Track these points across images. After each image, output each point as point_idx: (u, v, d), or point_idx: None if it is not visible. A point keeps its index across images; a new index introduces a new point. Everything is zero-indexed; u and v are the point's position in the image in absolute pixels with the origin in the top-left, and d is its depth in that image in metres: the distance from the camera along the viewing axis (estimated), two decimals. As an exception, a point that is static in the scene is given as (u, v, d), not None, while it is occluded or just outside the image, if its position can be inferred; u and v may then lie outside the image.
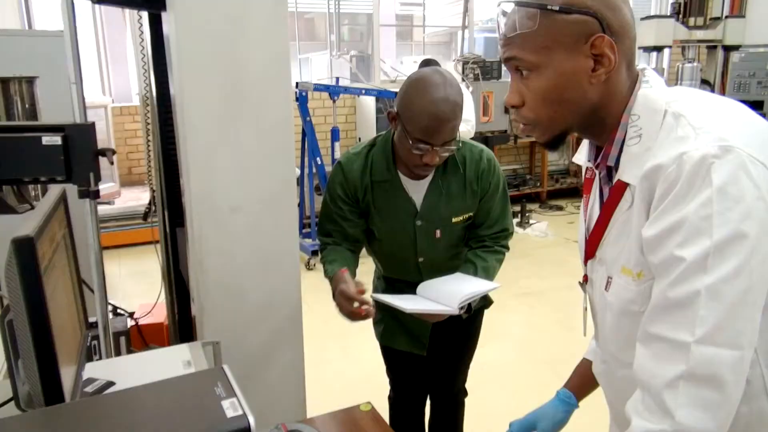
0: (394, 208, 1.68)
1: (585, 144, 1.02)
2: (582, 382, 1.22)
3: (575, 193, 7.09)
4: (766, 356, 0.86)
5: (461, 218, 1.69)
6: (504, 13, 0.89)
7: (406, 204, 1.67)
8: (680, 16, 6.03)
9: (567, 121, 0.90)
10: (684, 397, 0.77)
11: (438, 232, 1.69)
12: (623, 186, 0.89)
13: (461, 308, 1.51)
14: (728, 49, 6.40)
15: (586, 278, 1.06)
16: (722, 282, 0.75)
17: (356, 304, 1.48)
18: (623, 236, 0.90)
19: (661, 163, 0.80)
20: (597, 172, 0.97)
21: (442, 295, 1.54)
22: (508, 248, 1.79)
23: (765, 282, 0.78)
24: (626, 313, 0.92)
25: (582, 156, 1.03)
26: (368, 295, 1.54)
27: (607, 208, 0.93)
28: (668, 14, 6.14)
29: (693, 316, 0.76)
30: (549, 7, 0.83)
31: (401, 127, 1.54)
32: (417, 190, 1.67)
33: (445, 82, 1.49)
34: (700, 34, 6.06)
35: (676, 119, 0.83)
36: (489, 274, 1.68)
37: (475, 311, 1.85)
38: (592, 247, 0.99)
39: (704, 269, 0.75)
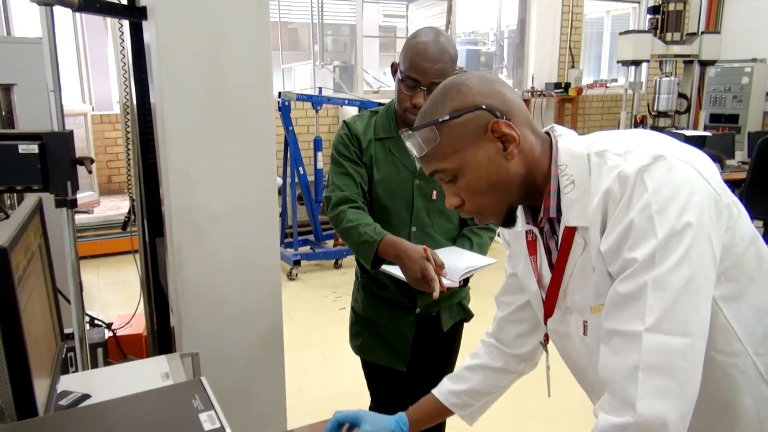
0: (394, 165, 1.70)
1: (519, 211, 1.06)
2: (420, 416, 1.27)
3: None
4: (752, 345, 0.90)
5: None
6: (409, 139, 0.98)
7: (406, 160, 1.69)
8: (658, 31, 6.15)
9: (507, 200, 0.97)
10: (642, 387, 0.80)
11: (435, 193, 1.70)
12: (572, 231, 0.94)
13: (460, 282, 1.58)
14: (704, 63, 6.55)
15: (547, 338, 1.10)
16: (667, 272, 0.81)
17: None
18: (585, 277, 0.95)
19: (606, 188, 0.87)
20: (537, 231, 1.02)
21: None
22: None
23: (706, 271, 0.83)
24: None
25: (520, 222, 1.05)
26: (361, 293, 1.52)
27: (561, 258, 0.98)
28: (646, 29, 6.26)
29: (642, 306, 0.81)
30: (440, 120, 0.93)
31: (398, 73, 1.62)
32: None
33: (439, 33, 1.60)
34: (677, 49, 6.18)
35: (600, 156, 0.90)
36: (483, 251, 1.73)
37: (455, 324, 1.86)
38: (550, 306, 1.03)
39: (652, 264, 0.81)
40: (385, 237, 1.56)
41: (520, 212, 1.04)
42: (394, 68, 1.67)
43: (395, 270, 1.59)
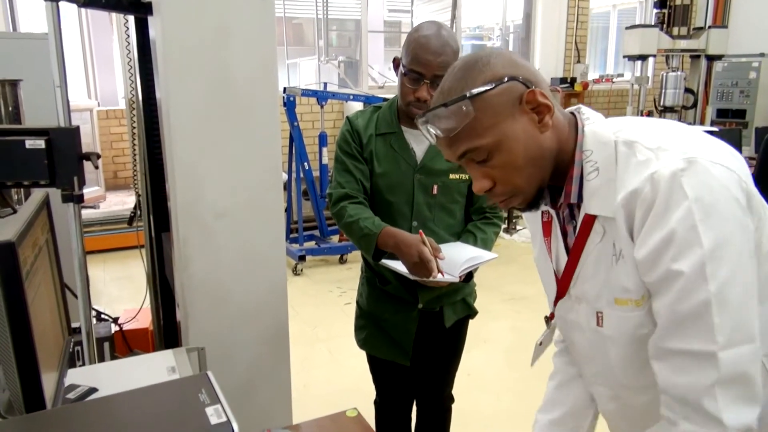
0: (395, 160, 1.71)
1: None
2: None
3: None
4: (765, 346, 0.90)
5: (458, 177, 1.72)
6: (428, 122, 0.92)
7: (407, 155, 1.71)
8: (664, 25, 6.11)
9: (540, 176, 0.94)
10: (723, 401, 0.81)
11: (435, 188, 1.71)
12: (591, 219, 0.92)
13: (461, 276, 1.58)
14: (711, 58, 6.50)
15: (552, 316, 1.10)
16: (726, 286, 0.79)
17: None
18: (601, 270, 0.93)
19: (635, 188, 0.84)
20: (555, 213, 1.01)
21: (444, 263, 1.57)
22: (502, 219, 1.87)
23: (753, 272, 0.83)
24: (635, 340, 0.94)
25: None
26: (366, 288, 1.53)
27: (578, 244, 0.96)
28: (653, 24, 6.22)
29: (708, 325, 0.80)
30: (474, 92, 0.88)
31: (400, 67, 1.63)
32: (419, 141, 1.71)
33: (440, 26, 1.61)
34: (683, 44, 6.14)
35: (629, 147, 0.87)
36: (487, 246, 1.73)
37: (460, 320, 1.86)
38: (563, 286, 1.02)
39: (704, 278, 0.79)
40: (384, 229, 1.61)
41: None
42: (396, 63, 1.67)
43: (396, 264, 1.60)
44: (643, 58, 6.10)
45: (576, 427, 1.19)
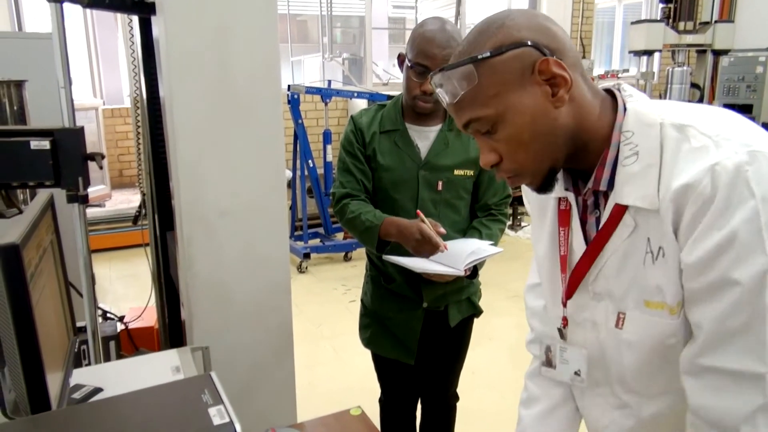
0: (399, 156, 1.72)
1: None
2: None
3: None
4: None
5: (462, 172, 1.73)
6: (441, 85, 0.84)
7: (411, 152, 1.72)
8: (670, 20, 6.07)
9: (552, 156, 0.84)
10: (765, 429, 0.73)
11: (440, 184, 1.71)
12: (622, 210, 0.83)
13: (466, 270, 1.59)
14: (717, 53, 6.46)
15: (565, 321, 0.97)
16: None
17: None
18: (629, 267, 0.84)
19: (690, 181, 0.73)
20: (575, 201, 0.91)
21: (448, 257, 1.60)
22: (507, 216, 1.88)
23: None
24: (659, 347, 0.85)
25: (555, 188, 0.92)
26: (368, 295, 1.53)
27: (601, 237, 0.86)
28: (658, 18, 6.18)
29: (761, 344, 0.71)
30: (480, 56, 0.80)
31: (405, 61, 1.64)
32: (423, 138, 1.73)
33: (445, 21, 1.61)
34: (689, 39, 6.10)
35: (680, 131, 0.77)
36: (492, 240, 1.74)
37: (465, 319, 1.86)
38: (575, 282, 0.92)
39: (764, 291, 0.70)
40: (386, 219, 1.65)
41: (559, 176, 0.91)
42: (401, 59, 1.68)
43: (401, 259, 1.62)
44: (648, 53, 6.07)
45: None
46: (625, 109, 0.84)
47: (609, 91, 0.88)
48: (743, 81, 6.73)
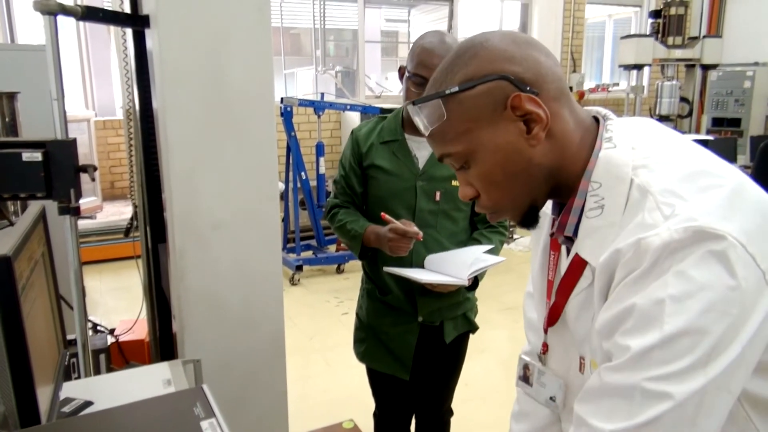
0: (397, 166, 1.74)
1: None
2: None
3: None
4: (748, 401, 0.74)
5: None
6: (415, 115, 0.79)
7: (409, 162, 1.73)
8: (659, 35, 6.17)
9: (528, 195, 0.79)
10: None
11: (438, 195, 1.72)
12: (583, 262, 0.78)
13: (469, 280, 1.62)
14: (706, 67, 6.56)
15: (546, 347, 0.93)
16: (666, 382, 0.63)
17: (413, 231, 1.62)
18: (584, 316, 0.80)
19: (619, 248, 0.70)
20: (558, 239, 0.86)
21: (450, 267, 1.62)
22: (507, 228, 1.90)
23: (729, 393, 0.66)
24: None
25: (547, 206, 0.89)
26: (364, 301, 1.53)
27: (567, 283, 0.83)
28: (648, 33, 6.27)
29: (627, 409, 0.65)
30: (447, 92, 0.75)
31: (405, 73, 1.67)
32: (422, 148, 1.74)
33: (444, 35, 1.65)
34: (678, 53, 6.19)
35: (643, 196, 0.71)
36: (493, 253, 1.75)
37: (460, 335, 1.85)
38: (555, 313, 0.87)
39: (647, 363, 0.64)
40: (367, 228, 1.72)
41: (547, 204, 0.87)
42: (402, 71, 1.71)
43: (403, 270, 1.65)
44: (638, 67, 6.16)
45: None
46: (597, 155, 0.77)
47: (596, 118, 0.82)
48: (731, 95, 6.82)
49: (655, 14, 6.25)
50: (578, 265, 0.79)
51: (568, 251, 0.84)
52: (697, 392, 0.63)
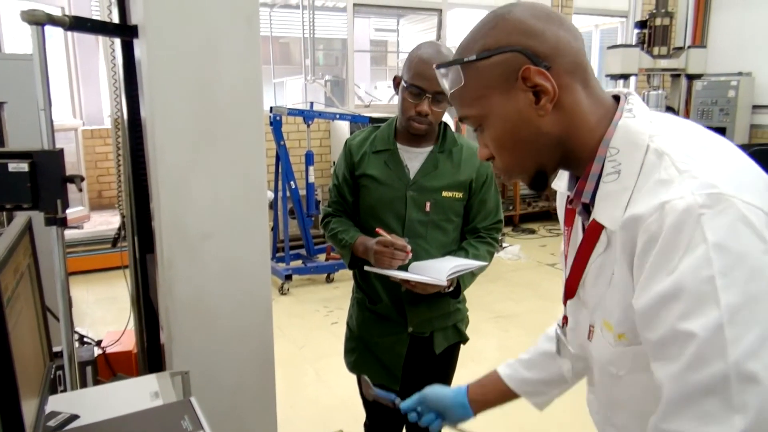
0: (388, 176, 1.74)
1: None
2: (486, 399, 1.19)
3: (547, 216, 7.20)
4: None
5: (451, 194, 1.75)
6: (441, 78, 0.87)
7: (400, 172, 1.74)
8: (645, 45, 6.24)
9: (536, 161, 0.84)
10: None
11: (428, 205, 1.73)
12: (599, 227, 0.81)
13: (449, 282, 1.62)
14: (691, 77, 6.64)
15: (565, 320, 0.97)
16: (750, 358, 0.63)
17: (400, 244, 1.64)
18: (600, 281, 0.83)
19: (639, 214, 0.71)
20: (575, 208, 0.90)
21: (431, 269, 1.64)
22: (498, 241, 1.89)
23: None
24: (606, 374, 0.86)
25: (562, 183, 0.94)
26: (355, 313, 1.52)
27: (584, 249, 0.86)
28: (634, 44, 6.34)
29: (723, 406, 0.63)
30: (466, 59, 0.81)
31: (401, 83, 1.68)
32: (413, 159, 1.75)
33: (440, 46, 1.68)
34: (664, 63, 6.27)
35: (659, 158, 0.74)
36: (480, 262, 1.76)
37: (450, 346, 1.85)
38: (572, 286, 0.91)
39: (724, 344, 0.63)
40: (358, 238, 1.74)
41: (565, 175, 0.92)
42: (397, 81, 1.72)
43: (383, 269, 1.66)
44: (624, 77, 6.22)
45: (542, 392, 1.14)
46: (615, 124, 0.81)
47: (618, 97, 0.86)
48: (716, 104, 6.91)
49: (641, 25, 6.33)
50: (595, 231, 0.82)
51: (583, 227, 0.88)
52: None
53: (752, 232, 0.65)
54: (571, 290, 0.91)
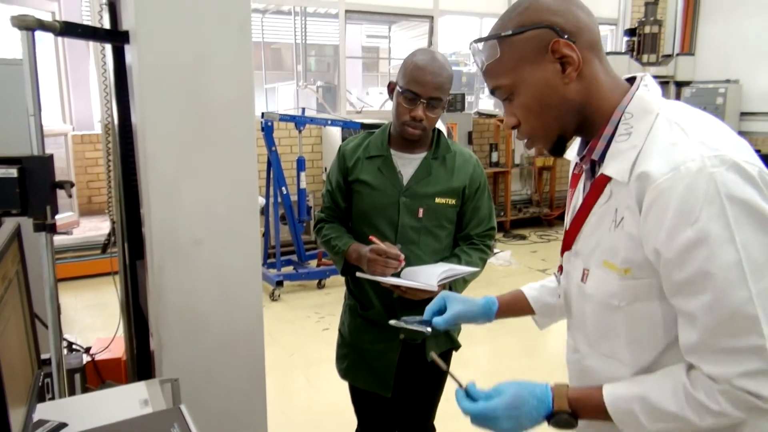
0: (381, 182, 1.75)
1: (577, 141, 1.07)
2: (508, 309, 1.35)
3: (538, 222, 7.23)
4: None
5: (444, 201, 1.75)
6: (475, 54, 1.00)
7: (393, 177, 1.74)
8: (634, 53, 6.30)
9: (559, 125, 0.97)
10: (761, 386, 0.81)
11: (421, 211, 1.73)
12: (605, 180, 0.94)
13: (440, 287, 1.62)
14: (680, 84, 6.71)
15: (561, 269, 1.11)
16: (763, 280, 0.80)
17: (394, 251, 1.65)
18: (598, 229, 0.96)
19: (651, 171, 0.84)
20: (583, 166, 1.03)
21: (421, 275, 1.64)
22: (492, 249, 1.89)
23: None
24: (606, 306, 0.97)
25: (572, 151, 1.07)
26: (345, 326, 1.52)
27: (588, 202, 0.99)
28: (623, 51, 6.40)
29: (751, 320, 0.80)
30: (503, 34, 0.94)
31: (396, 89, 1.69)
32: (407, 165, 1.76)
33: (435, 53, 1.69)
34: (653, 70, 6.33)
35: (669, 124, 0.88)
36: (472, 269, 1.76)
37: (443, 353, 1.84)
38: (569, 239, 1.04)
39: (743, 275, 0.79)
40: (351, 245, 1.75)
41: (576, 143, 1.05)
42: (391, 87, 1.73)
43: (374, 276, 1.66)
44: (614, 84, 6.27)
45: (552, 315, 1.31)
46: (633, 93, 0.94)
47: (631, 79, 0.99)
48: (704, 111, 6.97)
49: (631, 32, 6.40)
50: (601, 184, 0.95)
51: (584, 188, 1.03)
52: None
53: (752, 183, 0.81)
54: (568, 243, 1.05)
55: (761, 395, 0.81)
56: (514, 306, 1.34)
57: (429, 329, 1.33)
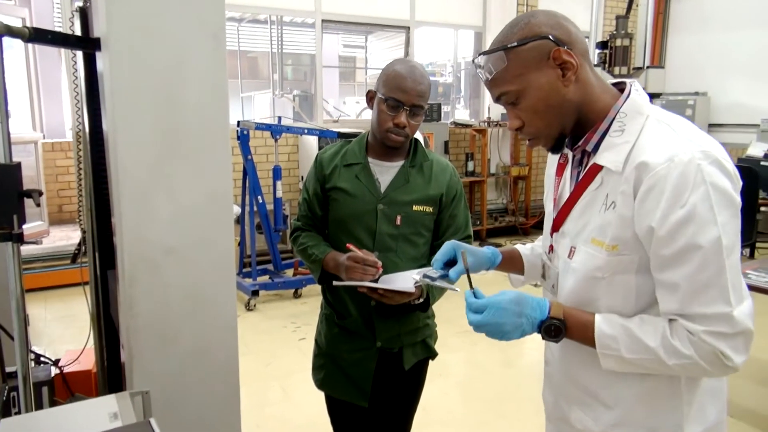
0: (359, 189, 1.75)
1: None
2: (509, 262, 1.44)
3: (514, 231, 7.29)
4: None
5: (421, 208, 1.77)
6: (479, 66, 1.12)
7: (371, 185, 1.75)
8: (606, 65, 6.42)
9: (560, 124, 1.11)
10: (725, 345, 0.97)
11: (398, 219, 1.74)
12: (597, 168, 1.09)
13: (419, 290, 1.64)
14: (651, 96, 6.83)
15: (551, 248, 1.23)
16: (732, 255, 0.97)
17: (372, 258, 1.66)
18: (588, 211, 1.11)
19: (649, 161, 0.99)
20: (571, 156, 1.18)
21: (398, 280, 1.65)
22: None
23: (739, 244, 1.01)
24: (589, 278, 1.10)
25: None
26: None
27: (580, 187, 1.13)
28: (596, 63, 6.52)
29: (723, 290, 0.96)
30: (509, 45, 1.07)
31: (377, 97, 1.71)
32: (384, 172, 1.77)
33: (412, 61, 1.74)
34: (625, 82, 6.45)
35: (659, 124, 1.05)
36: (447, 280, 1.75)
37: (419, 362, 1.85)
38: (559, 221, 1.18)
39: (720, 250, 0.96)
40: (328, 254, 1.75)
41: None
42: (371, 96, 1.75)
43: (350, 282, 1.66)
44: (587, 95, 6.38)
45: (534, 278, 1.43)
46: (627, 97, 1.09)
47: (617, 84, 1.14)
48: (675, 122, 7.13)
49: (603, 45, 6.52)
50: (593, 172, 1.10)
51: (572, 175, 1.18)
52: (737, 252, 1.00)
53: (728, 176, 0.98)
54: (557, 225, 1.19)
55: (725, 354, 0.97)
56: (512, 261, 1.45)
57: (458, 289, 1.40)
